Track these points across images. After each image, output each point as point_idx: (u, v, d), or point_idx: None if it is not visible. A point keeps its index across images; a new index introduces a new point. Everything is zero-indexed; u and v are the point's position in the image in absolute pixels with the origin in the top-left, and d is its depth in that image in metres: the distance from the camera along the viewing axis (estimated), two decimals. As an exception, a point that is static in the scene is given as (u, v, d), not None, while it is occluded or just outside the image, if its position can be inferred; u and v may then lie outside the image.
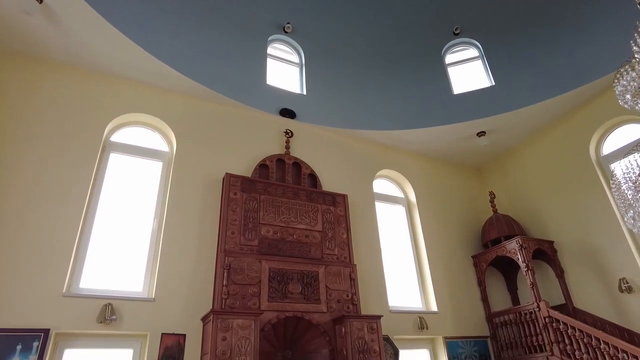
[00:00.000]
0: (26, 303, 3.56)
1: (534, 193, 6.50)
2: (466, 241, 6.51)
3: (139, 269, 4.31)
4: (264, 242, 4.56)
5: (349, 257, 4.97)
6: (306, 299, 4.42)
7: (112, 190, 4.59)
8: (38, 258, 3.76)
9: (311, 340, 4.38)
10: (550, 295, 5.79)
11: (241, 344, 3.65)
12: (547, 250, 5.85)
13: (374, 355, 4.18)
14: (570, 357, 4.77)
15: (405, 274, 5.93)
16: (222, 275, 4.14)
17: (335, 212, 5.20)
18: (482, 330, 5.82)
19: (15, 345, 3.39)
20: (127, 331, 3.83)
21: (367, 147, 6.46)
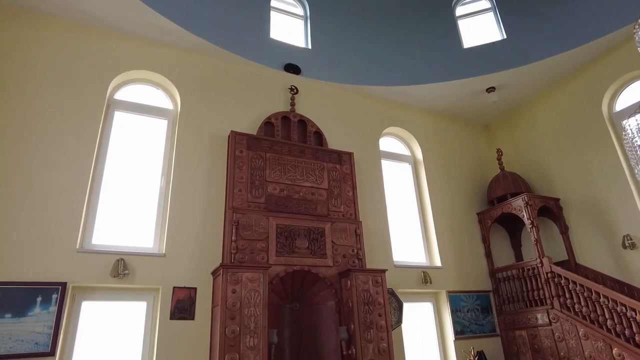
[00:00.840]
0: (43, 258, 3.68)
1: (542, 150, 6.43)
2: (472, 198, 6.53)
3: (149, 225, 4.40)
4: (271, 199, 4.60)
5: (354, 214, 5.02)
6: (313, 254, 4.52)
7: (119, 148, 4.60)
8: (51, 215, 3.84)
9: (318, 293, 4.52)
10: (553, 251, 5.87)
11: (250, 296, 3.78)
12: (553, 207, 5.87)
13: (378, 307, 4.32)
14: (570, 310, 4.91)
15: (410, 230, 6.02)
16: (231, 231, 4.22)
17: (341, 170, 5.19)
18: (485, 285, 5.97)
19: (36, 298, 3.54)
20: (140, 285, 3.97)
21: (374, 104, 6.35)
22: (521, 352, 5.39)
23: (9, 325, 3.39)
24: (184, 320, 3.96)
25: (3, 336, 3.35)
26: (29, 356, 3.38)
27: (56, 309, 3.57)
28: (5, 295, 3.45)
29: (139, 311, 4.07)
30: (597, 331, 4.56)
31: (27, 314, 3.48)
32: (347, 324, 4.26)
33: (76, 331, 3.77)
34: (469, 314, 5.60)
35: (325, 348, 4.35)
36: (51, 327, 3.51)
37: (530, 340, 5.28)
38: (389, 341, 4.23)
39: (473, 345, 5.22)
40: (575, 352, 4.76)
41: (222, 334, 3.57)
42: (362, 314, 4.20)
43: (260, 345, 3.66)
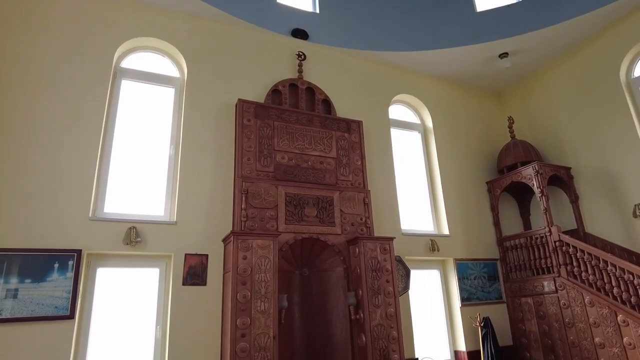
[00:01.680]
0: (58, 227, 3.76)
1: (555, 118, 6.30)
2: (481, 167, 6.48)
3: (160, 194, 4.45)
4: (280, 168, 4.61)
5: (363, 183, 5.02)
6: (321, 222, 4.57)
7: (127, 117, 4.60)
8: (63, 185, 3.88)
9: (327, 260, 4.60)
10: (562, 220, 5.86)
11: (261, 262, 3.86)
12: (564, 176, 5.81)
13: (386, 273, 4.39)
14: (576, 278, 4.95)
15: (419, 199, 6.02)
16: (241, 199, 4.26)
17: (350, 138, 5.15)
18: (493, 253, 6.01)
19: (53, 264, 3.65)
20: (152, 252, 4.06)
21: (384, 71, 6.22)
22: (526, 319, 5.49)
23: (29, 290, 3.52)
24: (196, 285, 4.07)
25: (25, 300, 3.48)
26: (50, 319, 3.52)
27: (73, 275, 3.67)
28: (24, 262, 3.56)
29: (152, 277, 4.18)
30: (603, 298, 4.60)
31: (46, 280, 3.59)
32: (356, 289, 4.35)
33: (93, 296, 3.90)
34: (475, 282, 5.68)
35: (334, 312, 4.46)
36: (69, 292, 3.63)
37: (536, 307, 5.36)
38: (396, 306, 4.32)
39: (479, 312, 5.32)
40: (579, 319, 4.83)
41: (234, 298, 3.67)
42: (370, 280, 4.27)
43: (270, 309, 3.77)
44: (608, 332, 4.54)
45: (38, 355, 3.41)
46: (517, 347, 5.55)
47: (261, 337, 3.66)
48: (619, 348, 4.42)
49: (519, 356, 5.50)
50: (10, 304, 3.44)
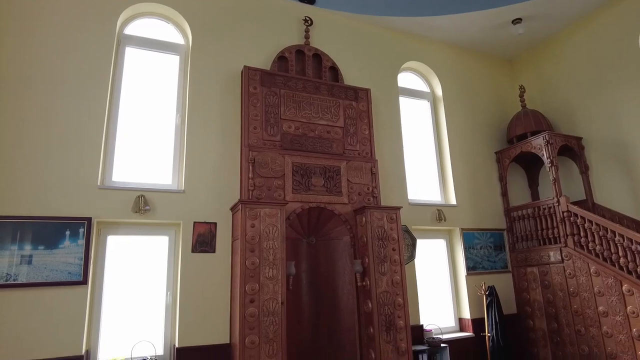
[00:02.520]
0: (68, 195, 3.80)
1: (568, 87, 6.14)
2: (491, 137, 6.40)
3: (167, 162, 4.46)
4: (286, 137, 4.57)
5: (370, 152, 4.97)
6: (328, 192, 4.57)
7: (132, 85, 4.54)
8: (71, 154, 3.89)
9: (333, 229, 4.63)
10: (571, 191, 5.80)
11: (269, 230, 3.89)
12: (574, 146, 5.71)
13: (392, 242, 4.42)
14: (583, 248, 4.96)
15: (427, 168, 5.98)
16: (248, 168, 4.25)
17: (358, 107, 5.07)
18: (499, 223, 6.01)
19: (65, 231, 3.71)
20: (161, 220, 4.10)
21: (393, 37, 6.05)
22: (531, 288, 5.55)
23: (43, 256, 3.60)
24: (205, 253, 4.14)
25: (39, 266, 3.57)
26: (64, 284, 3.61)
27: (84, 242, 3.74)
28: (37, 229, 3.62)
29: (161, 245, 4.25)
30: (609, 268, 4.62)
31: (59, 246, 3.66)
32: (362, 257, 4.40)
33: (104, 263, 3.99)
34: (481, 251, 5.71)
35: (340, 279, 4.53)
36: (81, 258, 3.70)
37: (541, 277, 5.41)
38: (402, 274, 4.37)
39: (484, 281, 5.38)
40: (584, 288, 4.87)
41: (243, 265, 3.73)
42: (376, 249, 4.31)
43: (278, 276, 3.83)
44: (612, 301, 4.58)
45: (55, 319, 3.53)
46: (521, 315, 5.64)
47: (269, 302, 3.74)
48: (622, 316, 4.47)
49: (523, 324, 5.59)
50: (26, 269, 3.53)
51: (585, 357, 4.81)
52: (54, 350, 3.47)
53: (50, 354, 3.45)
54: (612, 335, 4.54)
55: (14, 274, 3.50)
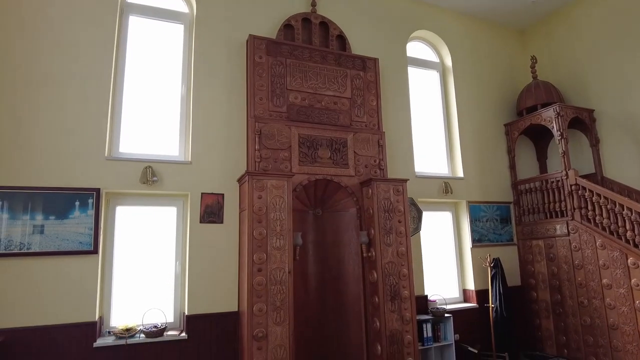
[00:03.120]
0: (76, 166, 3.83)
1: (581, 58, 5.97)
2: (500, 109, 6.29)
3: (173, 134, 4.45)
4: (293, 108, 4.52)
5: (377, 124, 4.92)
6: (335, 164, 4.55)
7: (137, 55, 4.48)
8: (78, 125, 3.89)
9: (340, 201, 4.64)
10: (580, 164, 5.74)
11: (276, 202, 3.91)
12: (585, 119, 5.61)
13: (398, 214, 4.43)
14: (590, 221, 4.94)
15: (434, 140, 5.93)
16: (254, 140, 4.23)
17: (365, 77, 4.98)
18: (506, 196, 5.99)
19: (74, 202, 3.76)
20: (169, 191, 4.13)
21: (402, 5, 5.85)
22: (536, 260, 5.58)
23: (54, 226, 3.66)
24: (213, 223, 4.18)
25: (51, 235, 3.64)
26: (76, 253, 3.69)
27: (93, 212, 3.79)
28: (47, 200, 3.67)
29: (170, 215, 4.30)
30: (615, 241, 4.62)
31: (69, 217, 3.72)
32: (368, 229, 4.43)
33: (114, 233, 4.05)
34: (487, 224, 5.72)
35: (346, 250, 4.59)
36: (91, 228, 3.76)
37: (546, 250, 5.43)
38: (408, 246, 4.41)
39: (489, 253, 5.42)
40: (589, 261, 4.89)
41: (250, 235, 3.77)
42: (382, 220, 4.33)
43: (285, 246, 3.88)
44: (617, 274, 4.60)
45: (68, 287, 3.63)
46: (525, 288, 5.71)
47: (277, 271, 3.80)
48: (626, 289, 4.50)
49: (526, 296, 5.66)
50: (38, 238, 3.60)
51: (586, 327, 4.89)
52: (69, 316, 3.59)
53: (66, 320, 3.57)
54: (615, 307, 4.59)
55: (28, 243, 3.58)
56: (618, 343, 4.55)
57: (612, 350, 4.61)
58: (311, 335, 4.33)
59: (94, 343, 3.60)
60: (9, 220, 3.55)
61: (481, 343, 5.19)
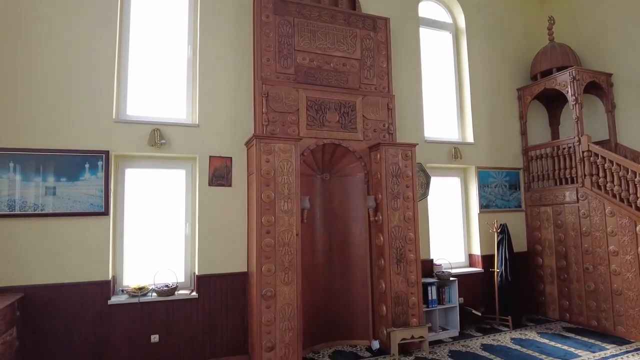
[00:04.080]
0: (85, 129, 3.84)
1: (600, 19, 5.70)
2: (513, 73, 6.10)
3: (180, 96, 4.41)
4: (300, 70, 4.42)
5: (387, 87, 4.81)
6: (343, 128, 4.50)
7: (142, 16, 4.37)
8: (85, 88, 3.87)
9: (347, 165, 4.63)
10: (593, 131, 5.60)
11: (283, 166, 3.91)
12: (602, 83, 5.43)
13: (406, 179, 4.42)
14: (600, 188, 4.89)
15: (445, 105, 5.81)
16: (261, 103, 4.18)
17: (376, 38, 4.82)
18: (516, 162, 5.92)
19: (84, 164, 3.79)
20: (177, 154, 4.14)
21: (414, -39, 5.60)
22: (543, 227, 5.58)
23: (66, 188, 3.72)
24: (222, 186, 4.21)
25: (63, 197, 3.70)
26: (87, 215, 3.76)
27: (103, 174, 3.83)
28: (58, 162, 3.71)
29: (179, 178, 4.33)
30: (625, 209, 4.58)
31: (79, 179, 3.77)
32: (375, 193, 4.44)
33: (124, 195, 4.11)
34: (496, 190, 5.70)
35: (353, 214, 4.62)
36: (101, 190, 3.81)
37: (554, 216, 5.42)
38: (415, 210, 4.42)
39: (497, 219, 5.42)
40: (597, 228, 4.88)
41: (259, 198, 3.80)
42: (390, 185, 4.33)
43: (293, 209, 3.91)
44: (624, 241, 4.59)
45: (82, 247, 3.72)
46: (531, 253, 5.74)
47: (285, 234, 3.85)
48: (632, 255, 4.50)
49: (532, 261, 5.71)
50: (51, 200, 3.67)
51: (590, 292, 4.94)
52: (84, 275, 3.70)
53: (81, 278, 3.69)
54: (620, 274, 4.62)
55: (41, 204, 3.65)
56: (620, 308, 4.61)
57: (614, 314, 4.68)
58: (318, 295, 4.44)
59: (108, 300, 3.74)
60: (22, 181, 3.61)
61: (485, 306, 5.29)
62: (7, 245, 3.53)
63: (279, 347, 3.74)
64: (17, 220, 3.57)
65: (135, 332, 3.80)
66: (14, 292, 3.47)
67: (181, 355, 3.92)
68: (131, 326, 3.79)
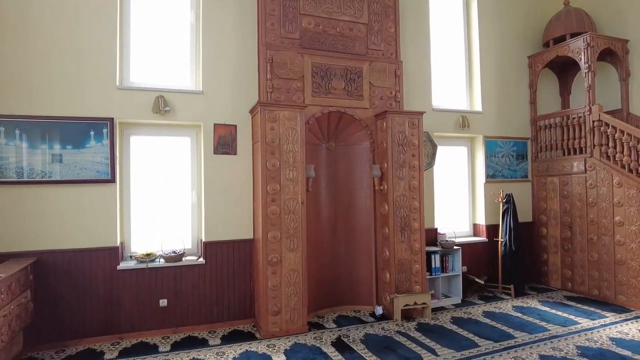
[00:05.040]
0: (88, 96, 3.82)
1: (620, -19, 5.45)
2: (525, 40, 5.91)
3: (184, 63, 4.33)
4: (306, 35, 4.31)
5: (395, 53, 4.69)
6: (349, 95, 4.43)
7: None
8: (86, 53, 3.81)
9: (353, 134, 4.58)
10: (605, 100, 5.48)
11: (288, 134, 3.88)
12: (618, 50, 5.25)
13: (412, 148, 4.38)
14: (609, 159, 4.82)
15: (454, 72, 5.67)
16: (266, 69, 4.10)
17: (383, 1, 4.64)
18: (524, 132, 5.84)
19: (89, 132, 3.79)
20: (181, 121, 4.12)
21: None
22: (549, 197, 5.56)
23: (72, 155, 3.73)
24: (227, 154, 4.20)
25: (70, 164, 3.72)
26: (94, 182, 3.79)
27: (108, 142, 3.83)
28: (63, 129, 3.72)
29: (184, 146, 4.32)
30: (633, 179, 4.53)
31: (85, 146, 3.77)
32: (381, 163, 4.41)
33: (130, 162, 4.12)
34: (503, 160, 5.64)
35: (358, 183, 4.62)
36: (107, 157, 3.83)
37: (561, 187, 5.38)
38: (420, 180, 4.40)
39: (502, 189, 5.40)
40: (604, 198, 4.85)
41: (264, 167, 3.80)
42: (395, 154, 4.29)
43: (298, 177, 3.91)
44: (630, 212, 4.57)
45: (90, 214, 3.78)
46: (536, 224, 5.75)
47: (290, 202, 3.87)
48: (638, 226, 4.49)
49: (536, 231, 5.73)
50: (58, 167, 3.70)
51: (593, 262, 4.97)
52: (93, 242, 3.78)
53: (90, 245, 3.77)
54: (624, 244, 4.62)
55: (49, 171, 3.68)
56: (623, 277, 4.64)
57: (616, 284, 4.72)
58: (324, 262, 4.51)
59: (117, 266, 3.82)
60: (28, 149, 3.63)
61: (488, 275, 5.35)
62: (18, 212, 3.59)
63: (285, 311, 3.84)
64: (26, 187, 3.62)
65: (145, 297, 3.90)
66: (27, 256, 3.55)
67: (189, 319, 4.04)
68: (140, 291, 3.89)
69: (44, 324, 3.60)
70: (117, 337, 3.80)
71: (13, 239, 3.57)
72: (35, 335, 3.57)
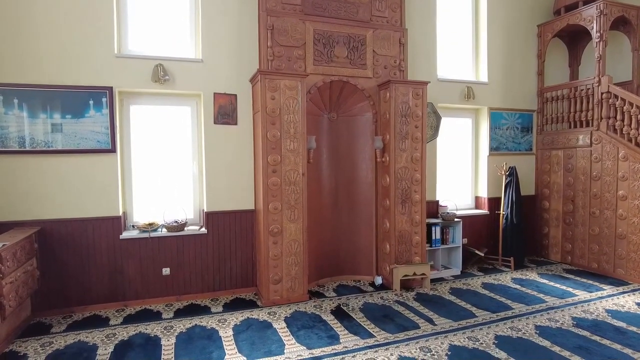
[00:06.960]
0: (87, 64, 3.75)
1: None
2: (535, 8, 5.71)
3: (183, 30, 4.22)
4: (307, 0, 4.16)
5: (400, 20, 4.54)
6: (352, 64, 4.32)
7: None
8: (83, 20, 3.72)
9: (356, 104, 4.51)
10: (615, 71, 5.34)
11: (289, 104, 3.82)
12: (632, 18, 5.06)
13: (415, 119, 4.31)
14: (616, 132, 4.74)
15: (460, 42, 5.51)
16: (266, 36, 3.99)
17: (389, -35, 4.48)
18: (530, 104, 5.72)
19: (88, 101, 3.74)
20: (181, 90, 4.06)
21: None
22: (553, 171, 5.52)
23: (72, 125, 3.70)
24: (228, 125, 4.16)
25: (69, 134, 3.70)
26: (95, 152, 3.78)
27: (108, 111, 3.79)
28: (62, 99, 3.67)
29: (184, 115, 4.28)
30: (639, 153, 4.47)
31: (85, 116, 3.74)
32: (383, 134, 4.36)
33: (130, 132, 4.09)
34: (507, 132, 5.57)
35: (360, 155, 4.58)
36: (107, 127, 3.79)
37: (565, 160, 5.33)
38: (423, 152, 4.36)
39: (506, 161, 5.35)
40: (608, 172, 4.80)
41: (265, 137, 3.76)
42: (398, 125, 4.23)
43: (299, 149, 3.88)
44: (634, 186, 4.53)
45: (91, 184, 3.79)
46: (538, 197, 5.73)
47: (291, 173, 3.86)
48: (641, 200, 4.47)
49: (538, 205, 5.71)
50: (59, 137, 3.68)
51: (594, 236, 4.98)
52: (95, 211, 3.81)
53: (92, 214, 3.80)
54: (626, 218, 4.61)
55: (50, 141, 3.66)
56: (622, 251, 4.66)
57: (615, 257, 4.74)
58: (325, 233, 4.54)
59: (120, 235, 3.86)
60: (28, 118, 3.60)
61: (488, 248, 5.38)
62: (21, 181, 3.61)
63: (286, 280, 3.90)
64: (28, 156, 3.62)
65: (147, 265, 3.97)
66: (31, 225, 3.59)
67: (192, 288, 4.12)
68: (143, 260, 3.95)
69: (50, 291, 3.69)
70: (122, 304, 3.89)
71: (16, 209, 3.60)
72: (43, 301, 3.66)
